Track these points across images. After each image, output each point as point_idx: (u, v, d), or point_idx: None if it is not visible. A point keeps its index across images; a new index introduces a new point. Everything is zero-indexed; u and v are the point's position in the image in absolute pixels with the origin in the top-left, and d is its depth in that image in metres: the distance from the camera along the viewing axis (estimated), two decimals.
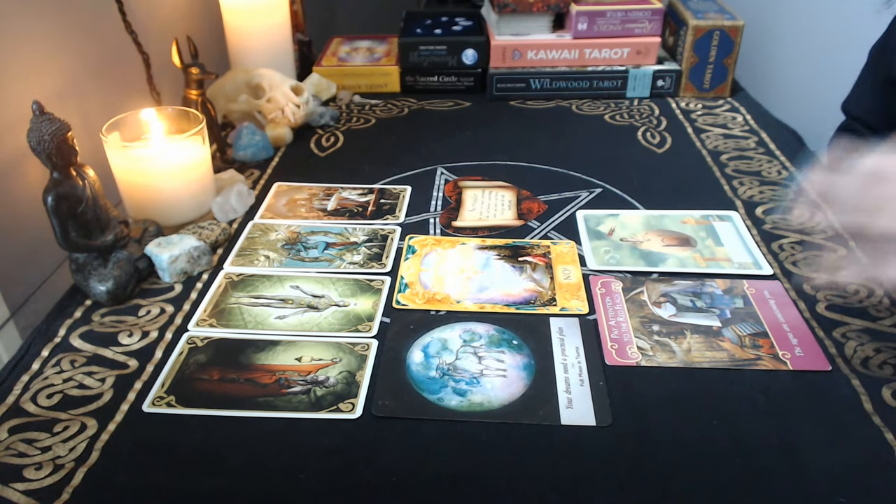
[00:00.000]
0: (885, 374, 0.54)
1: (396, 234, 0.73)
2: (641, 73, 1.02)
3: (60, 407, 0.52)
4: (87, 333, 0.60)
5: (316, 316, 0.61)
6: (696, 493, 0.45)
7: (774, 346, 0.57)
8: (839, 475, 0.46)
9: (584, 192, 0.80)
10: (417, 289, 0.64)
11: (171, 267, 0.65)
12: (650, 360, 0.56)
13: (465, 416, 0.51)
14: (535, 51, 1.02)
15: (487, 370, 0.55)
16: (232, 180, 0.79)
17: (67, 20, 0.76)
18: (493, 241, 0.71)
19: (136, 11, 0.87)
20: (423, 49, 1.05)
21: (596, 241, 0.71)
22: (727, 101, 1.02)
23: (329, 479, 0.47)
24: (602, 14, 1.01)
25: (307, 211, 0.77)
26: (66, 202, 0.60)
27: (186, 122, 0.74)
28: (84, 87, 0.79)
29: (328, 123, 0.97)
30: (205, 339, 0.59)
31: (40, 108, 0.58)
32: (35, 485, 0.46)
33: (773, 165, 0.85)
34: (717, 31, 0.99)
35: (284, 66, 1.01)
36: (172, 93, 0.93)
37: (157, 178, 0.70)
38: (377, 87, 1.08)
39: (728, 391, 0.53)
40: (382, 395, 0.53)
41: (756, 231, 0.72)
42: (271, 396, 0.53)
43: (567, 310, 0.61)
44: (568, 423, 0.50)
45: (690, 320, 0.60)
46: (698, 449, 0.48)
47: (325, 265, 0.68)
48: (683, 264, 0.67)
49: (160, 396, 0.53)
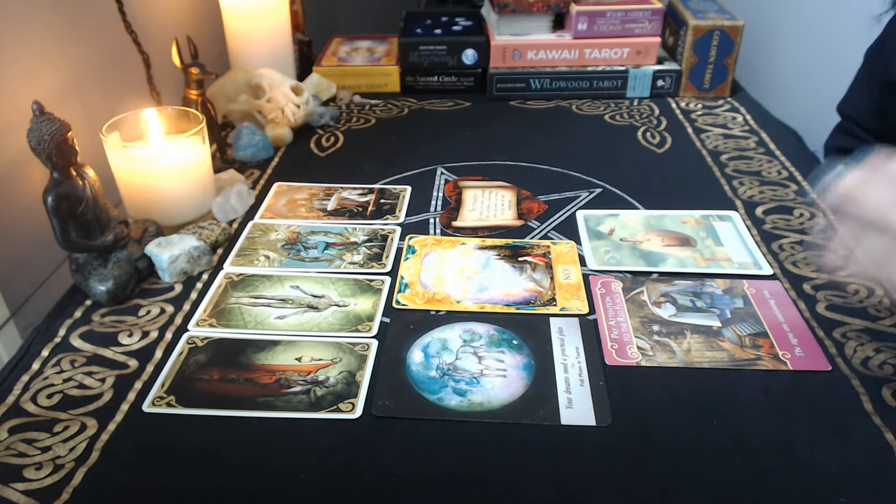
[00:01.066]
0: (885, 374, 0.54)
1: (396, 234, 0.73)
2: (641, 73, 1.02)
3: (60, 407, 0.52)
4: (87, 333, 0.60)
5: (316, 316, 0.61)
6: (696, 493, 0.45)
7: (774, 346, 0.57)
8: (839, 475, 0.46)
9: (584, 192, 0.80)
10: (417, 289, 0.64)
11: (171, 267, 0.65)
12: (650, 360, 0.56)
13: (465, 416, 0.51)
14: (535, 51, 1.02)
15: (487, 370, 0.55)
16: (232, 180, 0.79)
17: (67, 20, 0.76)
18: (493, 241, 0.71)
19: (136, 11, 0.87)
20: (423, 49, 1.05)
21: (596, 241, 0.71)
22: (727, 101, 1.02)
23: (329, 479, 0.47)
24: (602, 14, 1.01)
25: (307, 211, 0.77)
26: (66, 202, 0.60)
27: (186, 122, 0.74)
28: (84, 88, 0.79)
29: (328, 123, 0.97)
30: (205, 339, 0.59)
31: (40, 109, 0.58)
32: (35, 485, 0.46)
33: (773, 165, 0.85)
34: (717, 31, 0.99)
35: (284, 65, 1.01)
36: (172, 93, 0.93)
37: (157, 178, 0.70)
38: (377, 87, 1.08)
39: (728, 391, 0.53)
40: (382, 395, 0.53)
41: (756, 231, 0.72)
42: (271, 396, 0.53)
43: (567, 310, 0.61)
44: (568, 423, 0.50)
45: (690, 320, 0.60)
46: (698, 449, 0.48)
47: (325, 265, 0.68)
48: (683, 264, 0.67)
49: (160, 396, 0.53)
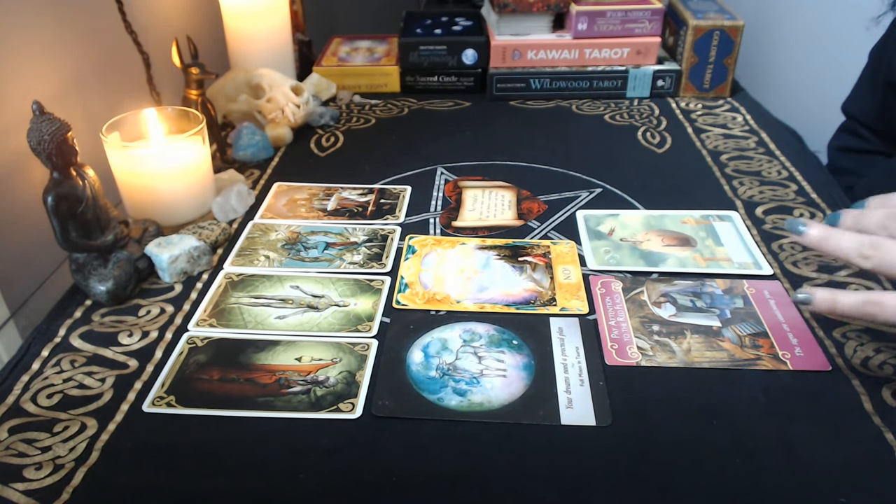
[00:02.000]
0: (885, 374, 0.54)
1: (396, 234, 0.73)
2: (641, 73, 1.02)
3: (60, 407, 0.52)
4: (87, 333, 0.60)
5: (316, 316, 0.61)
6: (696, 493, 0.45)
7: (774, 346, 0.57)
8: (839, 475, 0.46)
9: (584, 192, 0.80)
10: (417, 289, 0.64)
11: (171, 267, 0.65)
12: (650, 360, 0.56)
13: (465, 416, 0.51)
14: (535, 51, 1.02)
15: (487, 370, 0.55)
16: (232, 180, 0.79)
17: (67, 20, 0.76)
18: (493, 241, 0.71)
19: (136, 11, 0.87)
20: (423, 49, 1.05)
21: (596, 241, 0.71)
22: (727, 101, 1.02)
23: (329, 479, 0.47)
24: (602, 14, 1.01)
25: (307, 211, 0.77)
26: (66, 202, 0.60)
27: (186, 122, 0.74)
28: (84, 88, 0.79)
29: (328, 123, 0.97)
30: (205, 339, 0.59)
31: (40, 108, 0.58)
32: (35, 485, 0.46)
33: (773, 165, 0.85)
34: (717, 31, 0.99)
35: (284, 65, 1.01)
36: (172, 93, 0.93)
37: (157, 178, 0.70)
38: (377, 87, 1.08)
39: (728, 391, 0.53)
40: (382, 395, 0.53)
41: (756, 231, 0.72)
42: (271, 396, 0.53)
43: (567, 310, 0.61)
44: (568, 423, 0.50)
45: (690, 320, 0.60)
46: (698, 449, 0.48)
47: (325, 265, 0.68)
48: (683, 264, 0.67)
49: (160, 396, 0.53)
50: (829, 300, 0.49)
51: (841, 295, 0.49)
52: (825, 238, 0.49)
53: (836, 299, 0.49)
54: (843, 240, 0.49)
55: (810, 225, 0.50)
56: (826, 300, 0.49)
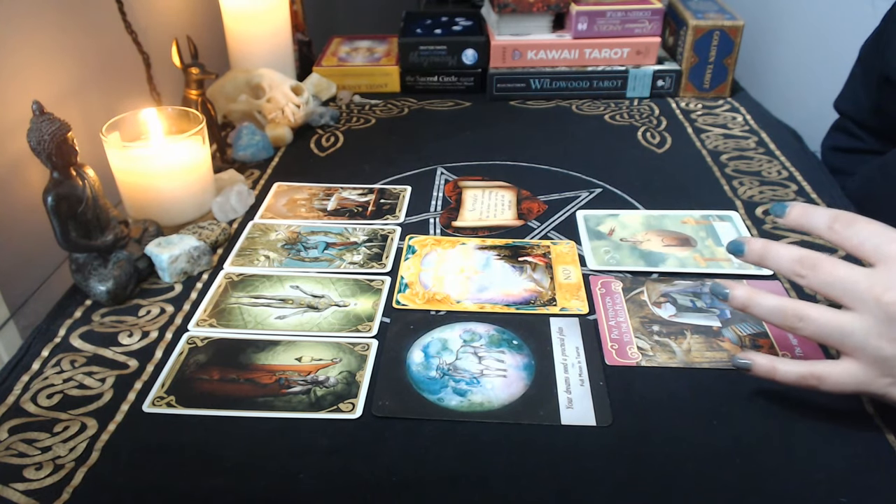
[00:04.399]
0: None
1: (396, 234, 0.73)
2: (641, 73, 1.02)
3: (60, 407, 0.52)
4: (87, 333, 0.60)
5: (316, 316, 0.61)
6: (696, 493, 0.45)
7: (774, 346, 0.57)
8: (839, 475, 0.46)
9: (584, 192, 0.80)
10: (417, 289, 0.64)
11: (171, 267, 0.65)
12: (650, 360, 0.56)
13: (465, 417, 0.51)
14: (535, 51, 1.02)
15: (487, 370, 0.55)
16: (232, 180, 0.79)
17: (67, 20, 0.76)
18: (493, 241, 0.71)
19: (136, 11, 0.87)
20: (423, 49, 1.05)
21: (596, 241, 0.71)
22: (727, 101, 1.02)
23: (329, 479, 0.47)
24: (602, 14, 1.01)
25: (307, 211, 0.77)
26: (66, 202, 0.60)
27: (186, 122, 0.74)
28: (84, 88, 0.79)
29: (328, 123, 0.97)
30: (205, 339, 0.59)
31: (40, 109, 0.58)
32: (35, 485, 0.46)
33: (773, 165, 0.85)
34: (717, 31, 0.99)
35: (284, 65, 1.01)
36: (172, 93, 0.93)
37: (157, 178, 0.70)
38: (377, 87, 1.08)
39: (728, 391, 0.53)
40: (382, 395, 0.53)
41: (756, 231, 0.72)
42: (271, 396, 0.53)
43: (567, 310, 0.61)
44: (568, 423, 0.50)
45: (690, 320, 0.60)
46: (698, 449, 0.48)
47: (325, 265, 0.68)
48: (683, 264, 0.67)
49: (160, 396, 0.53)
50: (769, 368, 0.49)
51: (780, 364, 0.49)
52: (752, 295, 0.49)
53: (776, 368, 0.49)
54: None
55: (734, 286, 0.50)
56: (765, 368, 0.50)
